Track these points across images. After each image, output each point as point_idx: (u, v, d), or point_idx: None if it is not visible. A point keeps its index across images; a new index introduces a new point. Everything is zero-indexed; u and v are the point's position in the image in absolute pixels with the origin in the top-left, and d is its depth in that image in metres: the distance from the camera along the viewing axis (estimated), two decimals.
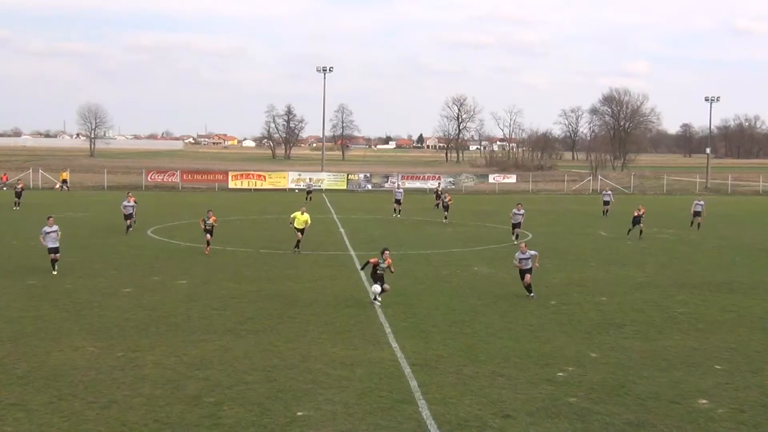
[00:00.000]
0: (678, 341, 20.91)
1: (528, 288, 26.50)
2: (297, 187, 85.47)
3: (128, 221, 43.18)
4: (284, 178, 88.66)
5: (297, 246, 36.11)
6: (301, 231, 36.20)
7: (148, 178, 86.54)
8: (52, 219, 30.48)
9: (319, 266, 32.09)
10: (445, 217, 52.19)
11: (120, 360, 18.38)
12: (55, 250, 29.80)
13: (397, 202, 56.78)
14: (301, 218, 36.45)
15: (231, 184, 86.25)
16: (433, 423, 14.55)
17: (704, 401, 16.07)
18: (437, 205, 59.18)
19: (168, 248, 37.70)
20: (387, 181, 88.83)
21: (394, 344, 20.04)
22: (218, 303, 24.91)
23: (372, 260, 25.42)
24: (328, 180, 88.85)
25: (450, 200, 53.66)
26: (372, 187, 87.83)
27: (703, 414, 15.32)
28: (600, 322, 22.99)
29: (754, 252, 39.44)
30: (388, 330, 21.57)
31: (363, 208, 60.98)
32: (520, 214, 42.23)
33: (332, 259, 34.35)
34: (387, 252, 25.54)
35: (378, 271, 25.13)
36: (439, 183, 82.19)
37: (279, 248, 37.63)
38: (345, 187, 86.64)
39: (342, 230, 46.06)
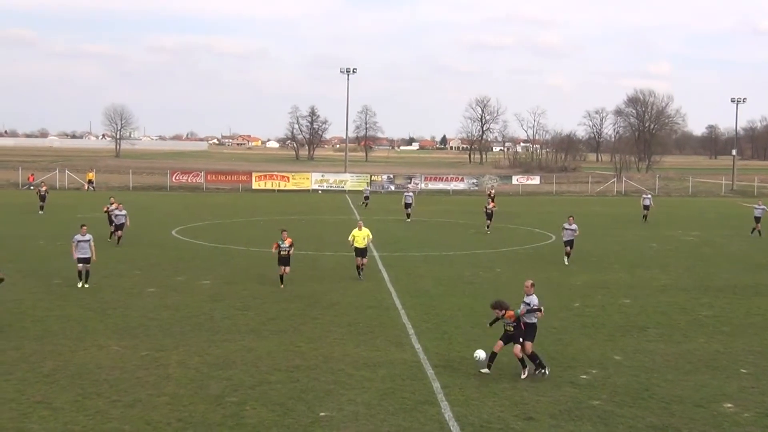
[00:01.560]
0: (702, 344, 20.75)
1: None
2: (320, 188, 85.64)
3: (119, 232, 38.13)
4: (307, 179, 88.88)
5: (360, 271, 30.07)
6: (362, 253, 29.97)
7: (173, 179, 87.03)
8: (85, 228, 27.70)
9: (342, 267, 32.13)
10: (488, 226, 47.06)
11: (144, 359, 18.50)
12: (86, 261, 27.15)
13: (407, 206, 54.09)
14: (360, 235, 29.98)
15: (254, 185, 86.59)
16: (455, 424, 14.52)
17: (729, 405, 15.93)
18: (490, 204, 51.71)
19: (192, 248, 37.90)
20: (410, 182, 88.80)
21: (417, 345, 20.03)
22: (241, 303, 25.02)
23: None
24: (351, 181, 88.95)
25: (494, 207, 48.28)
26: (395, 188, 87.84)
27: (728, 418, 15.19)
28: (623, 325, 22.86)
29: None
30: (410, 331, 21.57)
31: (386, 209, 60.99)
32: (572, 230, 34.49)
33: (353, 260, 34.40)
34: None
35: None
36: (492, 186, 72.83)
37: (302, 249, 37.72)
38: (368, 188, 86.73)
39: (361, 220, 45.97)
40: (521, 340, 17.44)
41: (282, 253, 27.87)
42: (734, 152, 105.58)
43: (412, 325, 22.35)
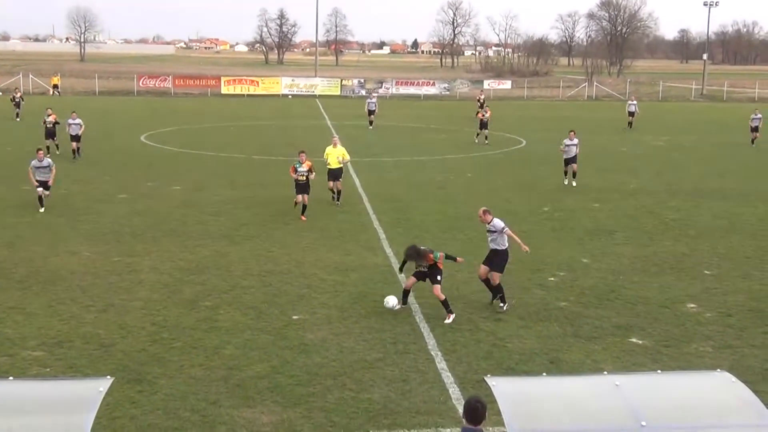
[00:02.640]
0: (669, 247, 21.15)
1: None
2: (290, 92, 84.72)
3: (75, 144, 35.09)
4: (277, 83, 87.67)
5: (337, 198, 26.13)
6: (336, 175, 26.09)
7: (140, 84, 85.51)
8: (42, 152, 25.08)
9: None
10: (484, 136, 43.67)
11: (116, 265, 18.56)
12: (45, 184, 24.62)
13: (370, 113, 51.08)
14: (334, 153, 26.14)
15: (224, 90, 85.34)
16: (425, 326, 14.82)
17: (693, 305, 16.36)
18: (477, 114, 51.60)
19: (161, 154, 37.61)
20: (381, 87, 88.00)
21: (388, 250, 20.24)
22: (213, 209, 25.01)
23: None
24: (321, 85, 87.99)
25: (489, 113, 44.74)
26: (366, 92, 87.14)
27: (691, 317, 15.62)
28: (592, 229, 23.19)
29: (748, 159, 39.50)
30: (382, 236, 21.75)
31: (357, 114, 60.57)
32: (574, 145, 30.40)
33: (326, 165, 34.35)
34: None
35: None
36: (482, 91, 67.68)
37: (272, 155, 37.56)
38: (339, 93, 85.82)
39: (336, 136, 45.81)
40: (438, 278, 15.30)
41: (299, 178, 24.00)
42: (705, 57, 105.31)
43: (383, 230, 22.53)
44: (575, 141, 30.64)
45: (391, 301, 15.38)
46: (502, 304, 15.81)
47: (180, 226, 22.59)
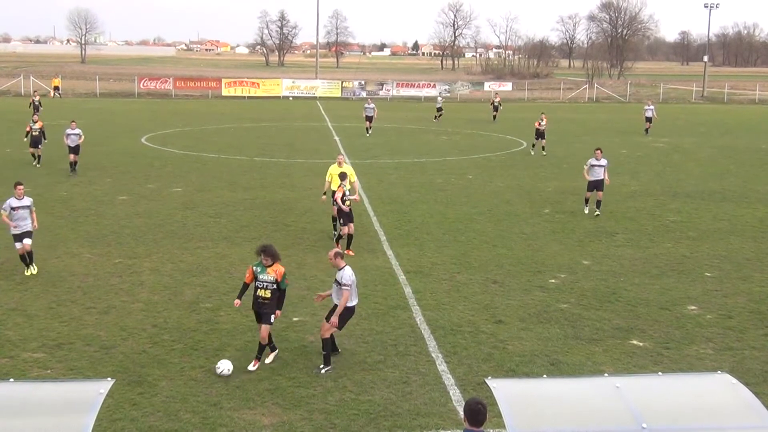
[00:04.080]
0: (669, 249, 21.14)
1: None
2: (291, 94, 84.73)
3: (73, 156, 32.01)
4: (278, 85, 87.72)
5: (338, 239, 20.74)
6: (341, 200, 20.29)
7: (141, 85, 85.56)
8: (21, 187, 18.36)
9: (314, 174, 32.05)
10: (541, 146, 40.87)
11: (117, 266, 18.56)
12: (28, 235, 18.34)
13: (368, 119, 48.71)
14: (336, 172, 21.37)
15: (224, 92, 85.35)
16: (426, 328, 14.82)
17: (693, 307, 16.35)
18: (494, 117, 56.89)
19: (162, 156, 37.61)
20: (381, 89, 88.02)
21: (389, 252, 20.23)
22: (213, 211, 25.02)
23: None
24: (322, 87, 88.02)
25: (546, 122, 41.48)
26: (366, 94, 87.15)
27: (691, 320, 15.61)
28: (593, 230, 23.18)
29: (748, 161, 39.51)
30: (382, 238, 21.75)
31: (357, 116, 60.61)
32: (601, 166, 25.24)
33: (326, 167, 34.28)
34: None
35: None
36: (497, 93, 68.42)
37: (273, 156, 37.58)
38: (339, 95, 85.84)
39: (336, 138, 45.92)
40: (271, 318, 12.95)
41: (346, 203, 20.27)
42: (706, 58, 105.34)
43: (384, 231, 22.53)
44: (603, 162, 25.19)
45: (224, 366, 12.55)
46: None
47: (181, 228, 22.59)
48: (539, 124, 40.75)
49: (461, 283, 17.64)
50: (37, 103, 53.47)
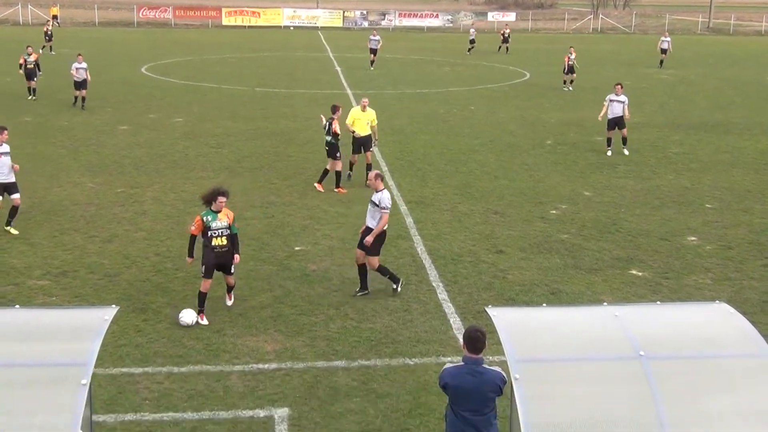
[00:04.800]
0: (671, 180, 21.15)
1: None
2: (292, 24, 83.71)
3: (81, 91, 30.66)
4: (279, 15, 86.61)
5: (368, 169, 19.41)
6: (363, 145, 20.17)
7: (140, 15, 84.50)
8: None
9: (316, 105, 31.87)
10: (570, 81, 39.23)
11: (119, 196, 18.61)
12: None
13: (373, 51, 46.58)
14: (363, 118, 20.16)
15: (224, 21, 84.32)
16: (427, 258, 14.92)
17: (693, 238, 16.43)
18: (502, 48, 57.11)
19: (162, 86, 37.36)
20: (383, 19, 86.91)
21: (391, 182, 20.24)
22: (215, 141, 24.96)
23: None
24: (323, 17, 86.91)
25: (575, 56, 39.86)
26: (370, 25, 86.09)
27: (691, 250, 15.70)
28: (595, 162, 23.15)
29: (753, 93, 39.22)
30: (384, 168, 21.73)
31: (359, 47, 59.95)
32: (621, 102, 23.97)
33: (328, 97, 34.08)
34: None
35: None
36: (507, 24, 67.86)
37: (275, 87, 37.33)
38: (341, 25, 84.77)
39: (338, 69, 45.52)
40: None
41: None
42: None
43: (386, 162, 22.51)
44: (623, 98, 23.97)
45: (187, 317, 11.92)
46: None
47: (182, 158, 22.57)
48: (568, 59, 39.01)
49: (462, 213, 17.70)
50: (50, 32, 52.25)
